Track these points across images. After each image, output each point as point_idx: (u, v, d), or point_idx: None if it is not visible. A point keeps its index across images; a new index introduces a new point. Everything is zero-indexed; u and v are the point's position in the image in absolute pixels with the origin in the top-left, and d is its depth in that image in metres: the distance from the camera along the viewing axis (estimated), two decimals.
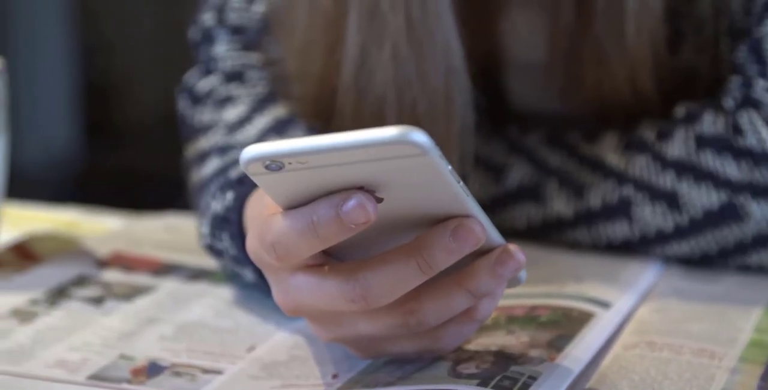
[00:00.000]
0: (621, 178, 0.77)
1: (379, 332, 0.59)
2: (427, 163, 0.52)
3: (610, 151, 0.78)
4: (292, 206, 0.55)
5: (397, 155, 0.51)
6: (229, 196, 0.71)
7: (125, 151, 3.11)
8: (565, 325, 0.66)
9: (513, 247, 0.58)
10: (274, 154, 0.51)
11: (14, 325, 0.69)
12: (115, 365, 0.64)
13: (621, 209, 0.77)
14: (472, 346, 0.63)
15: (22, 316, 0.71)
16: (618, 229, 0.77)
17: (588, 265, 0.76)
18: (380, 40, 0.73)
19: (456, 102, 0.75)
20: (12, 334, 0.68)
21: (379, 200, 0.54)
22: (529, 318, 0.67)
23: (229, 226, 0.70)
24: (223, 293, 0.75)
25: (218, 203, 0.71)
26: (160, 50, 3.28)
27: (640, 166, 0.76)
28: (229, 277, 0.76)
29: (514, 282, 0.60)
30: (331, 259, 0.58)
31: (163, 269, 0.79)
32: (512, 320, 0.66)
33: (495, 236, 0.57)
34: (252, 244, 0.58)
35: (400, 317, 0.58)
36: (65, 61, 3.12)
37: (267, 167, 0.52)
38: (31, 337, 0.68)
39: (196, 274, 0.78)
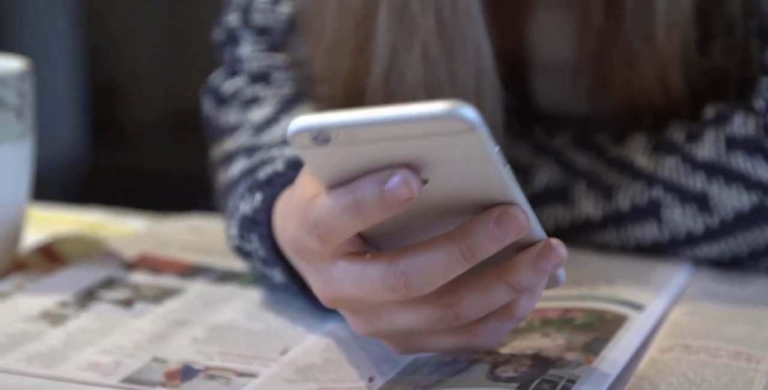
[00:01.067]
0: (650, 179, 0.76)
1: (417, 326, 0.58)
2: (474, 140, 0.51)
3: (639, 153, 0.78)
4: (335, 184, 0.54)
5: (445, 131, 0.50)
6: (258, 197, 0.70)
7: (130, 150, 3.11)
8: (600, 327, 0.66)
9: (555, 242, 0.57)
10: (322, 126, 0.51)
11: (45, 328, 0.69)
12: (149, 368, 0.64)
13: (650, 211, 0.76)
14: (507, 349, 0.63)
15: (53, 318, 0.70)
16: (647, 231, 0.77)
17: (618, 267, 0.76)
18: (410, 40, 0.73)
19: (486, 103, 0.74)
20: (43, 337, 0.68)
21: (424, 182, 0.53)
22: (564, 320, 0.67)
23: (258, 227, 0.70)
24: (253, 295, 0.74)
25: (246, 204, 0.71)
26: (164, 50, 3.28)
27: (670, 167, 0.76)
28: (257, 278, 0.76)
29: (553, 282, 0.59)
30: (373, 249, 0.58)
31: (191, 271, 0.79)
32: (546, 323, 0.66)
33: (537, 229, 0.57)
34: (292, 231, 0.58)
35: (438, 310, 0.57)
36: (70, 61, 3.12)
37: (314, 139, 0.51)
38: (63, 339, 0.68)
39: (224, 276, 0.78)
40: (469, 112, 0.50)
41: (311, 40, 0.80)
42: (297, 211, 0.57)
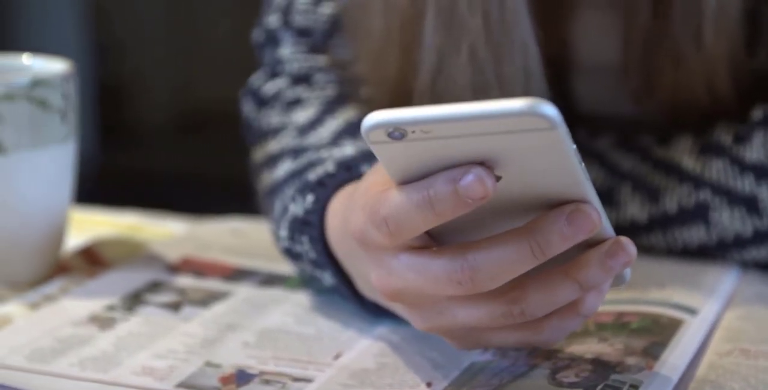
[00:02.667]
0: (697, 182, 0.76)
1: (480, 321, 0.57)
2: (553, 138, 0.50)
3: (685, 155, 0.77)
4: (406, 181, 0.54)
5: (523, 128, 0.50)
6: (309, 198, 0.70)
7: (137, 150, 3.10)
8: (657, 332, 0.65)
9: (625, 240, 0.56)
10: (398, 122, 0.50)
11: (95, 332, 0.69)
12: (203, 373, 0.64)
13: (698, 214, 0.76)
14: (566, 354, 0.62)
15: (101, 322, 0.70)
16: (694, 234, 0.76)
17: (666, 270, 0.75)
18: (458, 43, 0.72)
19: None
20: (94, 341, 0.67)
21: (497, 179, 0.53)
22: (619, 325, 0.66)
23: (309, 229, 0.69)
24: (300, 299, 0.74)
25: (297, 206, 0.71)
26: (171, 50, 3.27)
27: (717, 169, 0.76)
28: (305, 281, 0.75)
29: (618, 281, 0.59)
30: (435, 243, 0.57)
31: (235, 274, 0.78)
32: (602, 327, 0.66)
33: (607, 227, 0.56)
34: (358, 223, 0.57)
35: (503, 306, 0.56)
36: (77, 62, 3.11)
37: (389, 135, 0.51)
38: (114, 343, 0.67)
39: (269, 280, 0.77)
40: (549, 109, 0.49)
41: (356, 42, 0.79)
42: (366, 204, 0.56)
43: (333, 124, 0.78)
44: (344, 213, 0.65)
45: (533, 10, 0.74)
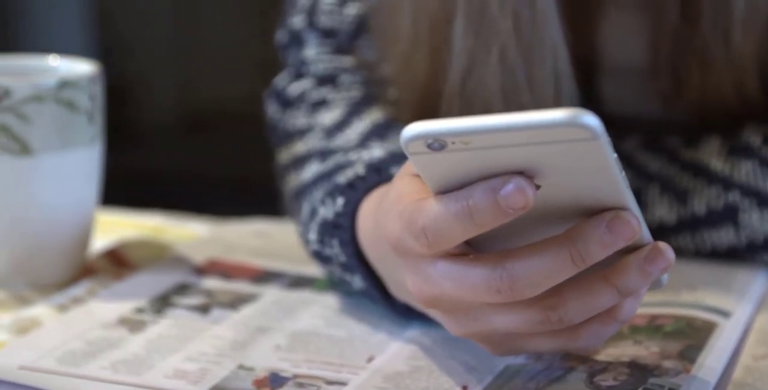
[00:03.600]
0: (726, 183, 0.76)
1: (517, 328, 0.57)
2: (594, 148, 0.50)
3: (713, 157, 0.77)
4: (444, 191, 0.53)
5: (564, 139, 0.49)
6: (339, 201, 0.69)
7: (142, 151, 3.10)
8: (691, 335, 0.65)
9: (663, 245, 0.56)
10: (438, 133, 0.50)
11: (125, 334, 0.68)
12: (236, 376, 0.63)
13: (727, 215, 0.76)
14: (602, 357, 0.62)
15: (131, 324, 0.70)
16: (723, 236, 0.76)
17: (696, 272, 0.75)
18: (488, 45, 0.72)
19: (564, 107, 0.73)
20: (125, 344, 0.67)
21: (537, 187, 0.52)
22: (653, 327, 0.66)
23: (340, 232, 0.69)
24: (329, 301, 0.73)
25: (327, 209, 0.70)
26: (176, 51, 3.27)
27: (747, 171, 0.75)
28: (334, 283, 0.75)
29: (656, 284, 0.58)
30: (472, 250, 0.57)
31: (263, 276, 0.78)
32: (636, 330, 0.65)
33: (645, 232, 0.56)
34: (394, 231, 0.56)
35: (541, 313, 0.56)
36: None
37: (429, 146, 0.51)
38: (145, 346, 0.67)
39: (297, 282, 0.77)
40: (591, 120, 0.49)
41: (384, 44, 0.79)
42: (402, 213, 0.56)
43: (360, 125, 0.78)
44: (376, 217, 0.64)
45: (561, 11, 0.73)
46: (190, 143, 3.16)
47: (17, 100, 0.72)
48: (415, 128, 0.50)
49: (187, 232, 0.87)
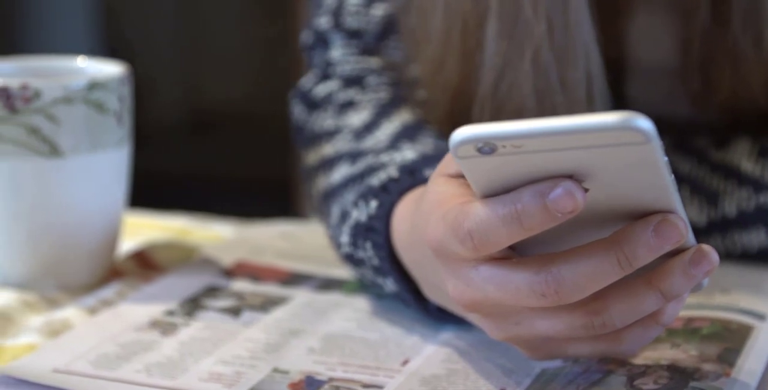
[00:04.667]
0: (757, 185, 0.75)
1: (559, 332, 0.56)
2: (646, 152, 0.50)
3: (743, 158, 0.76)
4: (490, 194, 0.53)
5: (617, 142, 0.49)
6: (373, 204, 0.69)
7: (147, 152, 3.09)
8: (728, 338, 0.64)
9: (707, 248, 0.55)
10: (490, 136, 0.50)
11: (157, 337, 0.68)
12: (272, 379, 0.63)
13: (758, 217, 0.75)
14: (640, 360, 0.62)
15: (163, 327, 0.69)
16: (754, 238, 0.76)
17: (728, 274, 0.74)
18: (521, 47, 0.71)
19: (596, 110, 0.73)
20: (158, 347, 0.67)
21: (585, 191, 0.52)
22: (690, 330, 0.65)
23: (373, 234, 0.69)
24: (360, 304, 0.73)
25: (360, 211, 0.70)
26: (180, 52, 3.26)
27: None
28: (365, 286, 0.75)
29: (697, 287, 0.58)
30: (514, 254, 0.56)
31: (292, 279, 0.77)
32: (673, 333, 0.65)
33: (690, 235, 0.55)
34: (436, 234, 0.56)
35: (584, 317, 0.55)
36: None
37: (479, 150, 0.50)
38: (178, 349, 0.66)
39: (326, 284, 0.76)
40: (645, 123, 0.48)
41: (414, 46, 0.78)
42: (446, 216, 0.55)
43: (389, 127, 0.77)
44: (413, 220, 0.64)
45: (593, 13, 0.73)
46: (194, 143, 3.15)
47: (47, 102, 0.72)
48: (465, 132, 0.50)
49: (212, 234, 0.87)
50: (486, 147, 0.50)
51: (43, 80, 0.72)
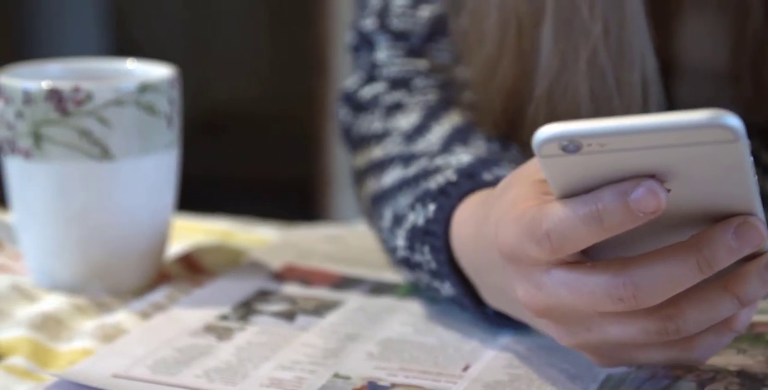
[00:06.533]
0: None
1: (631, 338, 0.56)
2: (733, 150, 0.49)
3: None
4: (569, 194, 0.52)
5: (704, 140, 0.48)
6: (431, 207, 0.68)
7: None
8: None
9: None
10: (576, 134, 0.49)
11: (213, 342, 0.67)
12: (334, 385, 0.62)
13: None
14: (708, 366, 0.61)
15: (218, 332, 0.69)
16: None
17: None
18: (577, 49, 0.71)
19: (652, 112, 0.73)
20: (215, 351, 0.66)
21: (667, 191, 0.51)
22: (753, 336, 0.65)
23: (431, 238, 0.68)
24: (414, 308, 0.72)
25: (417, 215, 0.69)
26: (190, 53, 3.26)
27: None
28: (417, 290, 0.74)
29: None
30: (587, 258, 0.56)
31: (342, 283, 0.77)
32: (737, 338, 0.64)
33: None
34: (509, 236, 0.55)
35: (658, 323, 0.55)
36: None
37: (563, 148, 0.49)
38: (235, 354, 0.66)
39: (378, 288, 0.76)
40: (734, 121, 0.48)
41: (466, 48, 0.78)
42: (521, 218, 0.55)
43: (439, 129, 0.77)
44: (478, 223, 0.63)
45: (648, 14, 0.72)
46: (203, 144, 3.15)
47: (98, 104, 0.71)
48: (550, 130, 0.49)
49: (256, 237, 0.86)
50: (571, 145, 0.49)
51: (95, 82, 0.72)
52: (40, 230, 0.74)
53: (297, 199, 2.90)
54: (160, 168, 0.75)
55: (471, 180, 0.68)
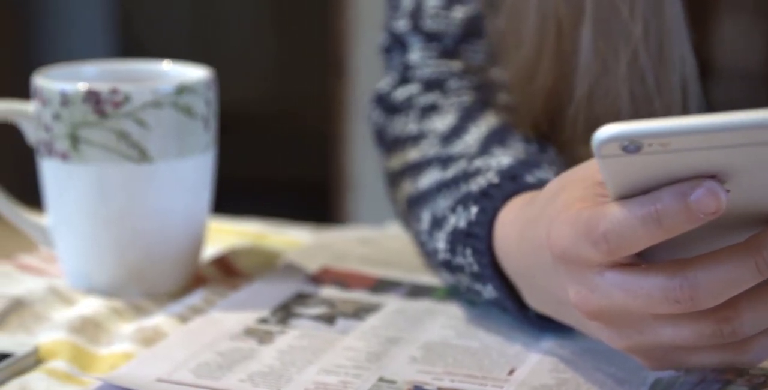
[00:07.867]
0: None
1: (685, 341, 0.55)
2: None
3: None
4: (626, 195, 0.52)
5: (765, 140, 0.48)
6: (473, 210, 0.68)
7: None
8: None
9: None
10: (638, 134, 0.48)
11: (254, 345, 0.67)
12: (379, 389, 0.62)
13: None
14: (758, 370, 0.61)
15: (259, 335, 0.68)
16: None
17: None
18: (617, 50, 0.70)
19: (692, 114, 0.72)
20: (257, 355, 0.65)
21: (726, 192, 0.51)
22: None
23: (474, 240, 0.67)
24: (454, 311, 0.72)
25: (459, 218, 0.69)
26: (195, 53, 3.25)
27: None
28: (456, 293, 0.74)
29: None
30: (641, 260, 0.55)
31: (379, 285, 0.76)
32: None
33: None
34: (563, 238, 0.55)
35: (713, 325, 0.54)
36: None
37: (624, 148, 0.49)
38: (278, 358, 0.65)
39: (416, 291, 0.75)
40: None
41: (503, 49, 0.77)
42: (576, 220, 0.54)
43: (476, 131, 0.76)
44: (523, 225, 0.63)
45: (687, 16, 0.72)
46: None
47: (136, 106, 0.71)
48: (611, 130, 0.49)
49: (288, 239, 0.85)
50: (632, 145, 0.49)
51: (133, 84, 0.71)
52: (76, 233, 0.73)
53: (312, 200, 2.89)
54: (197, 170, 0.74)
55: (513, 182, 0.68)
